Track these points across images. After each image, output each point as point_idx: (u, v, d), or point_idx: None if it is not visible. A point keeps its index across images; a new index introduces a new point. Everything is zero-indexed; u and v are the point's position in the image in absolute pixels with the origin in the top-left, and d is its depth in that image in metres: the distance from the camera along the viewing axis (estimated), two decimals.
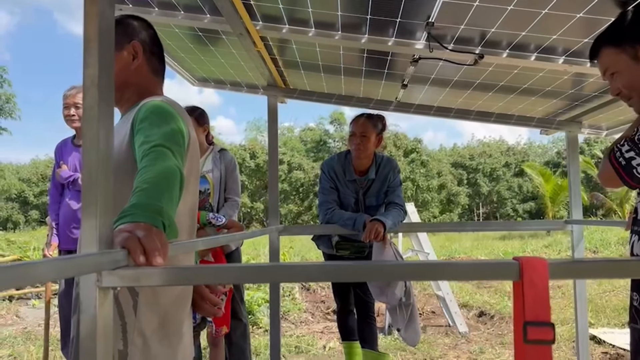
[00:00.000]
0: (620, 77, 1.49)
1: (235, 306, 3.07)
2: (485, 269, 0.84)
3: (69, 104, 3.31)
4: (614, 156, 1.44)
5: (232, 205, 3.15)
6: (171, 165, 1.18)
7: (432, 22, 1.93)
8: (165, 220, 1.04)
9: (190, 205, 1.46)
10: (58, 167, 3.42)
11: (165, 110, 1.35)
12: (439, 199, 31.64)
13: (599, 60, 1.54)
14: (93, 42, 0.87)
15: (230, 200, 3.14)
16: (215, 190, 3.11)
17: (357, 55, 2.50)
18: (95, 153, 0.88)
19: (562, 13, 1.74)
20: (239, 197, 3.22)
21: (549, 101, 2.82)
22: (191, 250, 1.33)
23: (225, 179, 3.16)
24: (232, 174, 3.20)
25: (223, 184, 3.13)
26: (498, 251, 12.21)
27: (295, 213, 30.52)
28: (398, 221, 2.94)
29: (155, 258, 0.90)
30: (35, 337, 4.97)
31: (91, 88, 0.88)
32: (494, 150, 35.29)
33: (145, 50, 1.49)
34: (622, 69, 1.47)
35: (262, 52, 2.49)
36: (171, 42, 2.66)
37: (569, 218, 3.01)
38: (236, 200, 3.18)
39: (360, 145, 2.95)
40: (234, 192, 3.19)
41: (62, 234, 3.36)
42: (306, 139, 36.33)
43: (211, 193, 3.10)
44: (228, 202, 3.13)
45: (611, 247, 11.28)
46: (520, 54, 2.16)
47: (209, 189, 3.11)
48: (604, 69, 1.53)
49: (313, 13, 2.04)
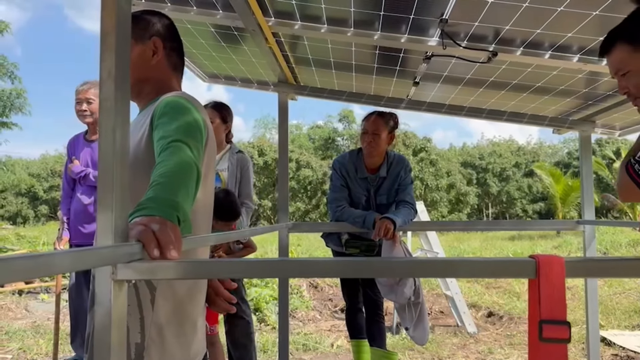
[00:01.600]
0: (632, 77, 1.43)
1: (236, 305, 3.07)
2: (501, 266, 0.83)
3: (81, 99, 3.33)
4: (632, 168, 1.39)
5: (248, 211, 3.19)
6: (188, 160, 1.18)
7: (445, 19, 1.92)
8: (180, 215, 1.04)
9: (207, 201, 1.47)
10: (70, 162, 3.44)
11: (183, 106, 1.35)
12: (447, 199, 31.50)
13: (610, 57, 1.48)
14: (110, 36, 0.88)
15: (245, 206, 3.17)
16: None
17: (369, 52, 2.49)
18: (111, 145, 0.88)
19: (578, 11, 1.73)
20: (252, 202, 3.26)
21: (562, 100, 2.80)
22: (206, 245, 1.33)
23: (240, 181, 3.18)
24: (248, 179, 3.23)
25: (237, 186, 3.15)
26: (507, 252, 12.14)
27: (303, 211, 30.54)
28: (408, 219, 2.93)
29: (170, 251, 0.90)
30: (45, 331, 5.01)
31: (108, 81, 0.88)
32: (504, 150, 35.11)
33: (165, 46, 1.50)
34: (634, 68, 1.41)
35: (274, 48, 2.49)
36: (183, 37, 2.66)
37: (581, 219, 2.99)
38: (251, 207, 3.22)
39: (372, 143, 2.95)
40: (249, 197, 3.22)
41: (73, 228, 3.38)
42: (314, 137, 36.34)
43: None
44: (244, 207, 3.15)
45: (622, 249, 11.18)
46: (535, 51, 2.14)
47: (221, 188, 3.13)
48: (615, 68, 1.47)
49: (326, 9, 2.04)
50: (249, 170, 3.26)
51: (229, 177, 3.16)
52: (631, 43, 1.40)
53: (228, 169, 3.19)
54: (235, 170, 3.19)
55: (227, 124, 3.28)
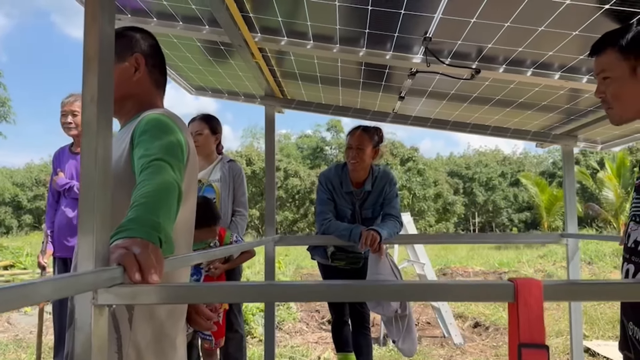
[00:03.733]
0: (612, 83, 1.45)
1: (232, 318, 3.07)
2: (480, 290, 0.84)
3: (67, 111, 3.31)
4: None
5: (243, 220, 3.22)
6: (169, 180, 1.18)
7: (429, 37, 1.95)
8: (162, 236, 1.04)
9: (189, 218, 1.47)
10: (55, 175, 3.41)
11: (165, 124, 1.35)
12: (435, 208, 31.65)
13: (598, 58, 1.49)
14: (93, 61, 0.88)
15: (240, 215, 3.19)
16: (222, 200, 3.14)
17: (354, 68, 2.51)
18: (93, 169, 0.88)
19: (558, 31, 1.76)
20: (247, 210, 3.28)
21: (544, 115, 2.84)
22: (187, 265, 1.33)
23: (234, 191, 3.19)
24: (241, 187, 3.26)
25: (231, 196, 3.17)
26: (494, 261, 12.21)
27: (291, 220, 30.47)
28: (394, 232, 2.95)
29: (150, 275, 0.90)
30: (27, 345, 4.93)
31: (90, 105, 0.88)
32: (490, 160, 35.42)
33: (147, 63, 1.50)
34: (617, 76, 1.43)
35: (260, 63, 2.51)
36: (169, 51, 2.67)
37: (564, 231, 3.02)
38: (245, 215, 3.25)
39: (357, 157, 2.96)
40: (243, 205, 3.24)
41: (58, 241, 3.35)
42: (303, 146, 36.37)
43: (217, 203, 3.12)
44: (238, 216, 3.17)
45: (606, 259, 11.29)
46: (517, 69, 2.18)
47: (215, 199, 3.13)
48: (600, 69, 1.48)
49: (312, 26, 2.06)
50: (242, 179, 3.28)
51: (222, 188, 3.17)
52: (621, 51, 1.42)
53: (221, 179, 3.19)
54: (228, 180, 3.20)
55: (217, 134, 3.30)
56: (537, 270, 10.69)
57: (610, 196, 18.76)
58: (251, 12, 2.00)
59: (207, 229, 2.64)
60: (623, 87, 1.44)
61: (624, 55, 1.41)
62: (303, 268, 11.10)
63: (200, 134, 3.20)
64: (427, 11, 1.75)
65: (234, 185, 3.20)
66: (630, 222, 1.54)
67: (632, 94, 1.43)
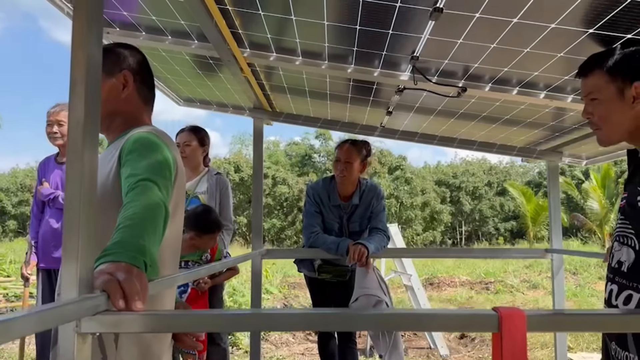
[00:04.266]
0: (600, 105, 1.45)
1: (213, 332, 3.04)
2: (465, 320, 0.84)
3: (52, 121, 3.28)
4: None
5: (228, 233, 3.19)
6: (156, 200, 1.18)
7: (416, 56, 1.97)
8: (147, 260, 1.03)
9: (175, 237, 1.46)
10: (40, 185, 3.38)
11: (152, 142, 1.35)
12: (422, 217, 31.77)
13: (585, 80, 1.48)
14: (79, 85, 0.87)
15: (226, 229, 3.16)
16: None
17: (343, 83, 2.52)
18: (78, 194, 0.87)
19: (544, 52, 1.79)
20: (232, 222, 3.27)
21: (530, 131, 2.88)
22: (172, 286, 1.32)
23: (220, 203, 3.18)
24: (227, 200, 3.24)
25: (217, 209, 3.15)
26: (480, 271, 12.26)
27: (278, 228, 30.38)
28: (381, 246, 2.95)
29: (134, 303, 0.89)
30: (9, 355, 4.85)
31: (76, 130, 0.88)
32: (477, 169, 35.64)
33: (135, 79, 1.49)
34: (604, 99, 1.43)
35: (249, 77, 2.51)
36: (158, 64, 2.66)
37: (550, 246, 3.05)
38: (231, 228, 3.23)
39: (345, 171, 2.97)
40: (229, 219, 3.23)
41: (42, 252, 3.30)
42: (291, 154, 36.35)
43: None
44: (224, 230, 3.13)
45: (591, 269, 11.41)
46: (503, 87, 2.20)
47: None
48: (587, 91, 1.48)
49: (300, 43, 2.07)
50: (228, 192, 3.28)
51: (208, 200, 3.16)
52: (608, 73, 1.42)
53: (207, 191, 3.18)
54: (215, 192, 3.19)
55: (205, 147, 3.29)
56: (523, 281, 10.76)
57: (595, 207, 19.01)
58: (240, 29, 2.01)
59: (210, 235, 2.67)
60: (611, 109, 1.44)
61: (611, 78, 1.41)
62: (290, 277, 11.06)
63: (188, 145, 3.19)
64: (415, 32, 1.76)
65: (220, 198, 3.19)
66: (614, 243, 1.56)
67: (619, 116, 1.44)
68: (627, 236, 1.45)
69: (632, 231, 1.41)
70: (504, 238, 31.44)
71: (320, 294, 3.28)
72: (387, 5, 1.58)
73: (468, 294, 9.38)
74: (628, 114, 1.42)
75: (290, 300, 8.18)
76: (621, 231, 1.50)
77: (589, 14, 1.47)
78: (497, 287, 10.02)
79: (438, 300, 8.74)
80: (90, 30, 0.90)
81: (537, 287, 10.19)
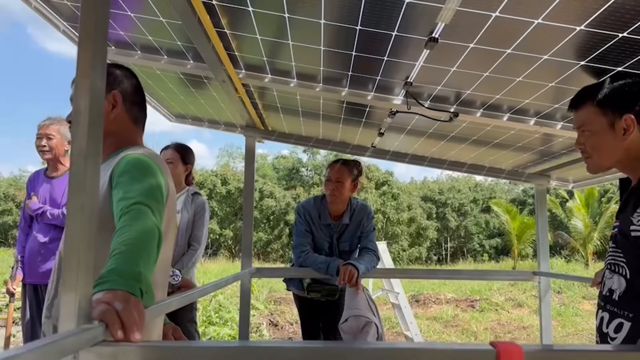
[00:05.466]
0: (591, 137, 1.50)
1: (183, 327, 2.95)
2: (463, 355, 0.85)
3: (42, 134, 3.25)
4: None
5: (192, 253, 3.03)
6: (150, 225, 1.18)
7: (410, 82, 2.00)
8: (143, 286, 1.03)
9: (167, 258, 1.46)
10: (29, 199, 3.34)
11: (145, 164, 1.35)
12: (408, 232, 31.84)
13: (577, 113, 1.53)
14: (83, 116, 0.88)
15: (192, 249, 3.04)
16: (180, 233, 3.03)
17: (336, 105, 2.55)
18: (79, 223, 0.87)
19: (535, 82, 1.83)
20: (200, 244, 3.08)
21: (519, 155, 2.92)
22: (166, 312, 1.32)
23: (193, 223, 3.09)
24: (200, 221, 3.10)
25: (189, 229, 3.07)
26: (465, 288, 12.31)
27: (265, 241, 30.23)
28: (371, 267, 2.96)
29: (133, 334, 0.89)
30: None
31: (79, 159, 0.88)
32: (462, 186, 35.90)
33: (125, 100, 1.50)
34: (596, 130, 1.48)
35: (243, 97, 2.52)
36: (151, 81, 2.67)
37: (537, 269, 3.08)
38: (196, 249, 3.06)
39: (335, 190, 2.98)
40: (198, 240, 3.07)
41: (28, 267, 3.25)
42: (279, 167, 36.34)
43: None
44: (190, 249, 3.03)
45: (575, 289, 11.50)
46: (494, 113, 2.24)
47: None
48: (579, 123, 1.53)
49: (295, 66, 2.09)
50: (203, 214, 3.14)
51: (181, 220, 3.07)
52: (599, 106, 1.46)
53: (182, 211, 3.10)
54: (189, 211, 3.10)
55: (188, 165, 3.22)
56: (508, 299, 10.82)
57: (579, 225, 19.24)
58: (236, 51, 2.02)
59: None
60: (602, 140, 1.48)
61: (602, 110, 1.46)
62: (276, 292, 10.99)
63: (171, 163, 3.13)
64: (410, 59, 1.79)
65: (193, 219, 3.12)
66: (605, 270, 1.59)
67: (610, 146, 1.49)
68: (618, 264, 1.47)
69: (623, 260, 1.44)
70: (489, 255, 31.59)
71: (309, 313, 3.27)
72: (383, 34, 1.61)
73: (454, 312, 9.41)
74: (619, 145, 1.45)
75: (277, 316, 8.12)
76: (612, 259, 1.53)
77: (581, 48, 1.51)
78: (483, 305, 10.06)
79: (424, 318, 8.75)
80: (95, 61, 0.90)
81: (522, 305, 10.25)
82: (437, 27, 1.50)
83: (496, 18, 1.38)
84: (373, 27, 1.57)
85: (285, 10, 1.56)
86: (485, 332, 7.83)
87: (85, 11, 0.89)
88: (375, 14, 1.47)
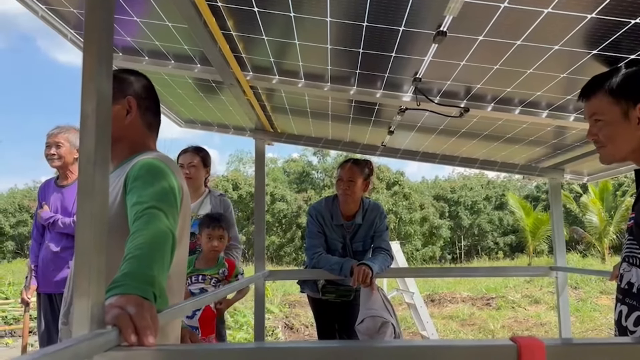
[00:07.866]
0: (605, 127, 1.44)
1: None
2: (482, 352, 0.83)
3: (51, 143, 3.27)
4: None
5: (238, 252, 3.19)
6: (163, 229, 1.18)
7: (419, 78, 1.98)
8: (156, 290, 1.03)
9: (181, 263, 1.45)
10: (40, 208, 3.36)
11: (158, 168, 1.34)
12: (421, 232, 31.66)
13: (588, 102, 1.47)
14: (90, 120, 0.87)
15: (235, 249, 3.16)
16: None
17: (345, 104, 2.53)
18: (89, 229, 0.86)
19: (546, 73, 1.80)
20: (239, 242, 3.25)
21: (532, 149, 2.88)
22: (181, 316, 1.31)
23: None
24: (232, 220, 3.20)
25: None
26: (481, 286, 12.20)
27: (277, 245, 30.25)
28: (385, 266, 2.93)
29: (146, 338, 0.88)
30: None
31: (87, 165, 0.87)
32: (475, 184, 35.65)
33: (140, 106, 1.49)
34: (609, 120, 1.43)
35: (251, 99, 2.52)
36: (159, 87, 2.67)
37: (554, 264, 3.04)
38: (239, 247, 3.22)
39: (347, 190, 2.96)
40: (236, 239, 3.20)
41: (42, 276, 3.27)
42: (289, 170, 36.34)
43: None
44: (234, 250, 3.14)
45: (592, 284, 11.35)
46: (505, 107, 2.21)
47: None
48: (591, 113, 1.47)
49: (303, 66, 2.07)
50: (232, 213, 3.25)
51: None
52: (612, 95, 1.41)
53: (211, 212, 3.15)
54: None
55: (207, 167, 3.25)
56: (524, 296, 10.70)
57: (594, 220, 19.00)
58: (243, 53, 2.02)
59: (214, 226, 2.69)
60: (616, 130, 1.43)
61: (615, 99, 1.41)
62: (290, 295, 10.97)
63: (193, 166, 3.14)
64: (418, 54, 1.77)
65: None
66: (623, 263, 1.55)
67: (625, 136, 1.43)
68: (636, 257, 1.44)
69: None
70: (504, 252, 31.32)
71: (324, 314, 3.25)
72: (390, 30, 1.59)
73: (470, 310, 9.32)
74: (634, 134, 1.41)
75: (292, 319, 8.10)
76: (630, 252, 1.49)
77: (593, 36, 1.48)
78: (499, 303, 9.96)
79: (440, 317, 8.68)
80: (101, 64, 0.90)
81: (538, 302, 10.14)
82: (445, 20, 1.48)
83: (505, 9, 1.36)
84: (380, 22, 1.56)
85: (291, 9, 1.55)
86: (502, 329, 7.74)
87: (90, 13, 0.88)
88: (382, 9, 1.46)
